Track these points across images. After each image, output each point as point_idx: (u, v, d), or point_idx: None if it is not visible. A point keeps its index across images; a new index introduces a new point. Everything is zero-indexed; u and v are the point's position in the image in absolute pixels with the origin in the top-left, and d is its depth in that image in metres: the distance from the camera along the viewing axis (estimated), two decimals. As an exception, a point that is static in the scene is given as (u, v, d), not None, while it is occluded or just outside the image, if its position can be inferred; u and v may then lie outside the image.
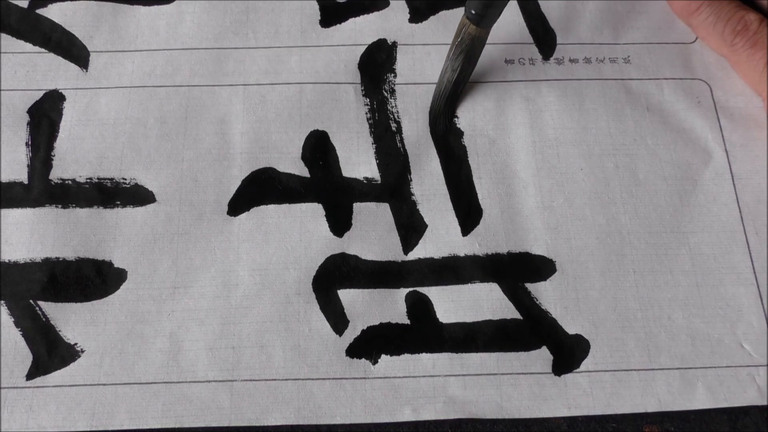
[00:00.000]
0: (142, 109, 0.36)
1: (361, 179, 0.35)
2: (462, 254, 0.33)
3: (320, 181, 0.35)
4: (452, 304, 0.33)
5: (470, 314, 0.32)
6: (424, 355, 0.32)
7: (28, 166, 0.35)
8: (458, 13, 0.39)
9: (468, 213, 0.34)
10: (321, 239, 0.34)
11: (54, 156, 0.35)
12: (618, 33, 0.39)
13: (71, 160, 0.35)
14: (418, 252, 0.34)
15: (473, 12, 0.32)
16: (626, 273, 0.33)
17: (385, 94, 0.37)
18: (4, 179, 0.34)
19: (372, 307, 0.32)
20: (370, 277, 0.33)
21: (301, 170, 0.35)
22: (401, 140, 0.36)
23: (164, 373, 0.31)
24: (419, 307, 0.32)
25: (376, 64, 0.38)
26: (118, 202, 0.34)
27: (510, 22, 0.39)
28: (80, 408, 0.30)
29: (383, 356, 0.32)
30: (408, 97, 0.37)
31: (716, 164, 0.36)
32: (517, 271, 0.33)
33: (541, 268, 0.33)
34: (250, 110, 0.36)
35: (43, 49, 0.38)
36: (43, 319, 0.32)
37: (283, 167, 0.35)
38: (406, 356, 0.32)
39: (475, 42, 0.34)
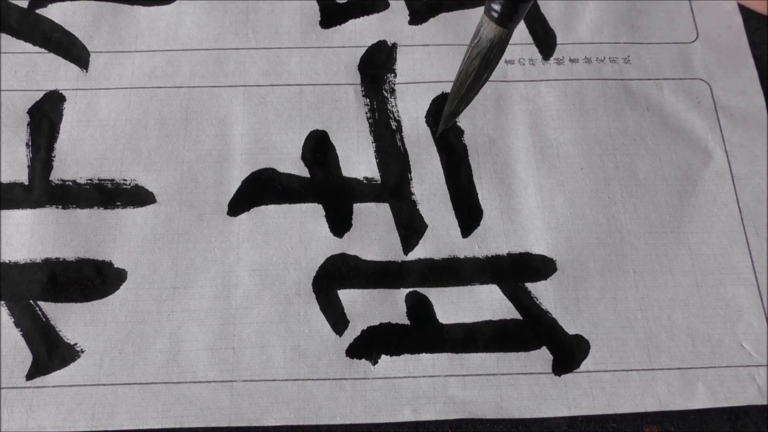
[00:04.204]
0: (143, 110, 0.36)
1: (361, 179, 0.35)
2: (462, 256, 0.33)
3: (320, 181, 0.35)
4: (452, 304, 0.33)
5: (470, 315, 0.32)
6: (424, 356, 0.32)
7: (28, 167, 0.35)
8: (458, 15, 0.39)
9: (468, 213, 0.34)
10: (321, 239, 0.34)
11: (54, 157, 0.35)
12: (618, 33, 0.39)
13: (71, 161, 0.35)
14: (418, 252, 0.34)
15: (495, 9, 0.27)
16: (626, 273, 0.33)
17: (385, 93, 0.37)
18: (5, 180, 0.34)
19: (372, 307, 0.32)
20: (370, 278, 0.33)
21: (301, 170, 0.35)
22: (401, 139, 0.36)
23: (164, 374, 0.31)
24: (419, 307, 0.32)
25: (376, 65, 0.38)
26: (119, 203, 0.34)
27: (510, 22, 0.39)
28: (80, 408, 0.30)
29: (383, 356, 0.32)
30: (408, 96, 0.37)
31: (716, 164, 0.36)
32: (517, 272, 0.33)
33: (542, 267, 0.33)
34: (250, 111, 0.36)
35: (43, 50, 0.38)
36: (43, 319, 0.32)
37: (283, 168, 0.35)
38: (406, 356, 0.32)
39: (494, 45, 0.28)
